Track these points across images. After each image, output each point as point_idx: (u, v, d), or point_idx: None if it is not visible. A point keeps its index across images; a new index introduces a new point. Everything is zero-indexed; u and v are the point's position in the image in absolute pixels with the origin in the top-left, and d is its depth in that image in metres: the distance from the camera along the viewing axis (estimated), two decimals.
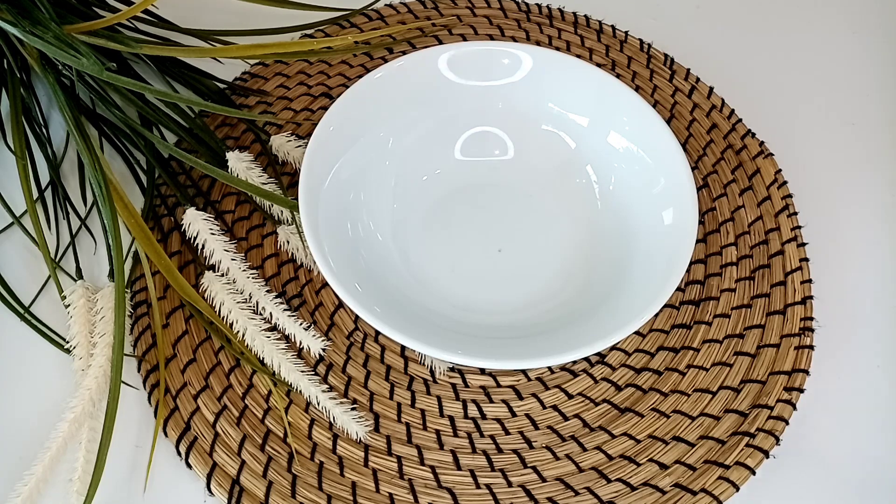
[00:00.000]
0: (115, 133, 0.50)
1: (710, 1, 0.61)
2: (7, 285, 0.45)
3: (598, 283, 0.44)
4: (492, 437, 0.42)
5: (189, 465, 0.41)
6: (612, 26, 0.57)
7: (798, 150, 0.52)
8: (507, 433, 0.42)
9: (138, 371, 0.43)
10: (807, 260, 0.48)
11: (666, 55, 0.56)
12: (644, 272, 0.42)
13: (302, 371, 0.42)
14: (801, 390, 0.44)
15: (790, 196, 0.50)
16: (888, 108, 0.56)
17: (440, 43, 0.55)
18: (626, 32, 0.57)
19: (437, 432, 0.42)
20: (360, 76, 0.46)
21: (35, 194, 0.47)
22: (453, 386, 0.43)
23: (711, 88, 0.54)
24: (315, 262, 0.41)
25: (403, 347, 0.44)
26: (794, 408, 0.43)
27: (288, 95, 0.53)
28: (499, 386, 0.44)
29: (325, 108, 0.45)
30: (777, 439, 0.42)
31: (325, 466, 0.41)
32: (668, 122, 0.50)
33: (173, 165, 0.49)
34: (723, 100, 0.54)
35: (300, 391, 0.42)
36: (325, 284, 0.46)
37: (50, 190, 0.48)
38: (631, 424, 0.42)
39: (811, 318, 0.46)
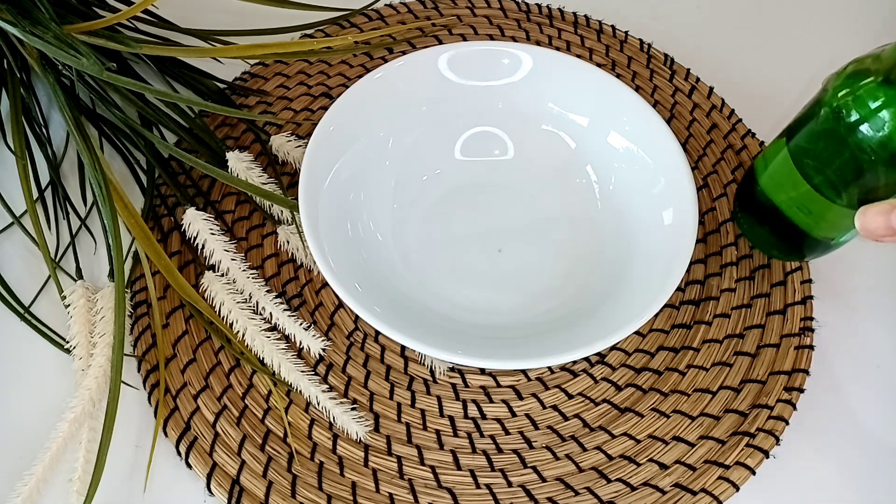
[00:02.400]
0: (115, 133, 0.50)
1: (710, 1, 0.61)
2: (7, 285, 0.45)
3: (598, 283, 0.44)
4: (492, 437, 0.42)
5: (189, 465, 0.41)
6: (612, 26, 0.57)
7: None
8: (507, 433, 0.42)
9: (138, 371, 0.43)
10: (807, 260, 0.48)
11: (666, 55, 0.56)
12: (644, 272, 0.42)
13: (302, 371, 0.42)
14: (801, 390, 0.44)
15: None
16: None
17: (440, 43, 0.55)
18: (626, 32, 0.57)
19: (437, 432, 0.42)
20: (360, 76, 0.46)
21: (35, 194, 0.47)
22: (453, 386, 0.43)
23: (711, 88, 0.54)
24: (315, 262, 0.41)
25: (403, 347, 0.44)
26: (794, 408, 0.43)
27: (288, 95, 0.53)
28: (499, 386, 0.44)
29: (325, 108, 0.45)
30: (777, 439, 0.42)
31: (325, 466, 0.41)
32: (668, 122, 0.50)
33: (173, 165, 0.49)
34: (723, 100, 0.54)
35: (300, 391, 0.42)
36: (325, 284, 0.46)
37: (50, 190, 0.48)
38: (631, 424, 0.42)
39: (811, 318, 0.46)
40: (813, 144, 0.39)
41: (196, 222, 0.44)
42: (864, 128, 0.36)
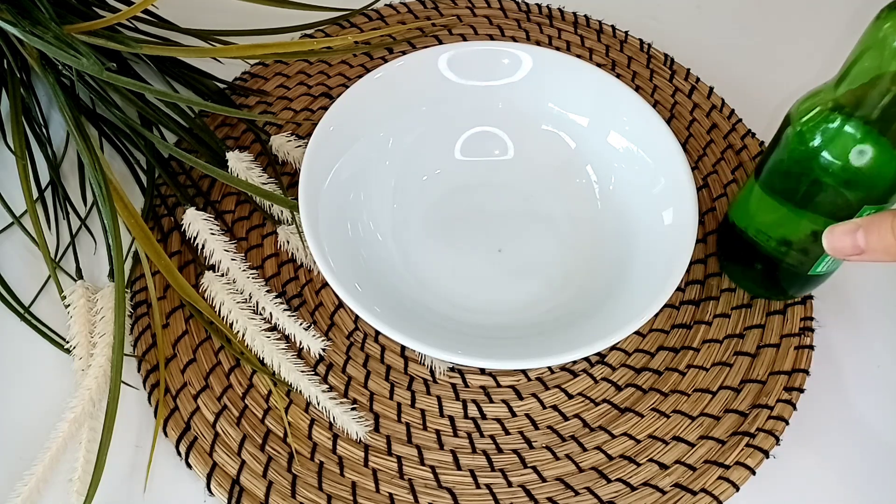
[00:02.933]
0: (115, 133, 0.50)
1: (710, 1, 0.61)
2: (7, 285, 0.45)
3: (598, 283, 0.44)
4: (492, 437, 0.42)
5: (189, 465, 0.41)
6: (612, 26, 0.57)
7: None
8: (507, 433, 0.42)
9: (138, 371, 0.43)
10: None
11: (666, 55, 0.56)
12: (644, 272, 0.42)
13: (302, 371, 0.42)
14: (801, 390, 0.44)
15: None
16: None
17: (440, 43, 0.55)
18: (626, 32, 0.57)
19: (437, 432, 0.42)
20: (360, 76, 0.46)
21: (35, 194, 0.47)
22: (453, 386, 0.43)
23: (711, 88, 0.54)
24: (315, 262, 0.41)
25: (403, 347, 0.44)
26: (794, 408, 0.43)
27: (288, 95, 0.53)
28: (499, 386, 0.44)
29: (325, 108, 0.45)
30: (777, 439, 0.42)
31: (325, 466, 0.41)
32: (668, 122, 0.50)
33: (173, 165, 0.49)
34: (723, 100, 0.54)
35: (300, 391, 0.42)
36: (325, 284, 0.46)
37: (50, 190, 0.48)
38: (631, 424, 0.42)
39: (811, 318, 0.46)
40: (782, 173, 0.40)
41: (196, 222, 0.44)
42: (824, 153, 0.37)
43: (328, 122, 0.44)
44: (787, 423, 0.42)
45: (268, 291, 0.44)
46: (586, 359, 0.44)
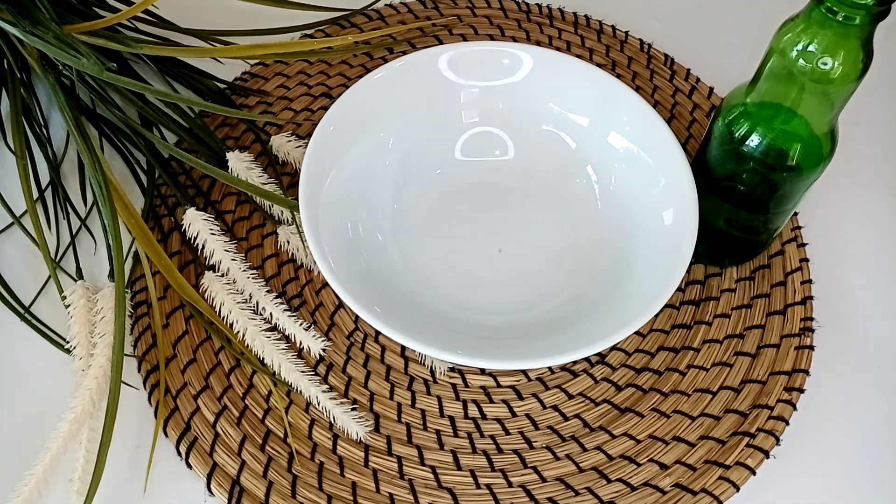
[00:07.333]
0: (115, 133, 0.50)
1: (710, 1, 0.61)
2: (7, 285, 0.45)
3: (599, 283, 0.44)
4: (492, 437, 0.42)
5: (189, 466, 0.41)
6: (612, 26, 0.57)
7: None
8: (508, 433, 0.42)
9: (138, 371, 0.43)
10: (807, 260, 0.48)
11: (666, 55, 0.56)
12: (644, 272, 0.42)
13: (302, 371, 0.42)
14: (801, 390, 0.44)
15: None
16: (889, 107, 0.56)
17: (440, 43, 0.55)
18: (626, 32, 0.57)
19: (438, 432, 0.42)
20: (360, 76, 0.46)
21: (35, 194, 0.47)
22: (453, 386, 0.43)
23: (711, 88, 0.54)
24: (315, 263, 0.41)
25: (403, 347, 0.44)
26: (794, 408, 0.43)
27: (288, 95, 0.53)
28: (499, 386, 0.44)
29: (325, 108, 0.45)
30: (777, 439, 0.42)
31: (326, 466, 0.41)
32: (668, 122, 0.50)
33: (173, 165, 0.49)
34: (722, 100, 0.54)
35: (300, 391, 0.42)
36: (325, 284, 0.46)
37: (50, 190, 0.48)
38: (631, 424, 0.42)
39: (811, 318, 0.46)
40: (713, 160, 0.43)
41: (196, 222, 0.44)
42: (746, 144, 0.41)
43: (328, 122, 0.44)
44: (787, 423, 0.42)
45: (268, 292, 0.44)
46: (586, 359, 0.44)
